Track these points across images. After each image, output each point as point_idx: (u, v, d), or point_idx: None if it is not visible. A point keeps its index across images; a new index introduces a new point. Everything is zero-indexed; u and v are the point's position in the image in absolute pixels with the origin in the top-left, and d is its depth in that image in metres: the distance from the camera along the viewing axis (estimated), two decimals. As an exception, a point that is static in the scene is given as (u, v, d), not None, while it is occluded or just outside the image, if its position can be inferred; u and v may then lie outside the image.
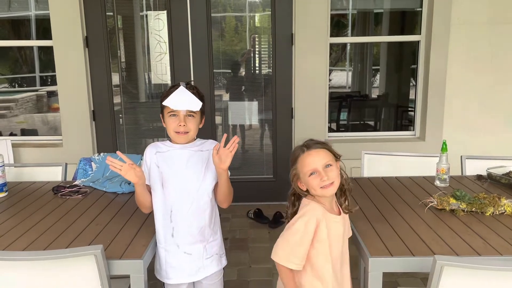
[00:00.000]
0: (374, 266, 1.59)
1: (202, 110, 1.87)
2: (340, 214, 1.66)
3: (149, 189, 1.86)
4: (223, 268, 1.98)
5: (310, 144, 1.61)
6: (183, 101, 1.79)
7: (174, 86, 1.84)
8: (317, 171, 1.56)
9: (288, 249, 1.56)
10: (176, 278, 1.85)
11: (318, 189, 1.57)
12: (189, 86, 1.84)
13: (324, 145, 1.62)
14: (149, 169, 1.85)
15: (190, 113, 1.81)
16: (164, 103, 1.80)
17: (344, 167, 1.67)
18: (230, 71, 4.29)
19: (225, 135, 1.74)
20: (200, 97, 1.84)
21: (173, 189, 1.81)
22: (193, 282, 1.91)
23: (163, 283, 1.90)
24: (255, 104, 4.30)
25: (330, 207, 1.63)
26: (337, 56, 4.99)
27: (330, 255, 1.60)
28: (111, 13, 4.02)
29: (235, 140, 1.71)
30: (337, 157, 1.63)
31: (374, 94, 5.23)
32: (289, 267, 1.56)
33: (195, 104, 1.80)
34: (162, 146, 1.87)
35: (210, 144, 1.90)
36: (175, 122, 1.81)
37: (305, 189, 1.63)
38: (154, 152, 1.86)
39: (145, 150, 1.89)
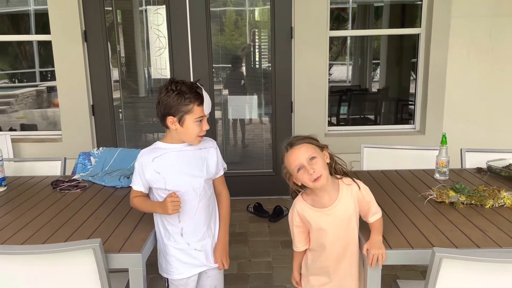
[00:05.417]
0: (373, 258, 1.59)
1: None
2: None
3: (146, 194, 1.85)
4: None
5: (292, 141, 1.65)
6: (208, 104, 1.76)
7: (191, 87, 1.71)
8: (303, 166, 1.61)
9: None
10: (188, 272, 1.86)
11: (310, 183, 1.62)
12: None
13: (305, 139, 1.65)
14: (148, 178, 1.77)
15: None
16: (198, 112, 1.72)
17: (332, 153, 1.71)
18: (229, 65, 4.28)
19: None
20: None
21: (179, 190, 1.75)
22: (199, 273, 1.91)
23: (166, 279, 1.89)
24: (254, 99, 4.29)
25: (326, 198, 1.67)
26: (337, 50, 4.97)
27: (323, 242, 1.70)
28: (110, 8, 4.01)
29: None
30: (321, 148, 1.66)
31: (374, 88, 5.22)
32: (294, 249, 1.81)
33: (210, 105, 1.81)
34: (157, 150, 1.79)
35: (208, 142, 1.87)
36: (200, 126, 1.75)
37: (300, 184, 1.68)
38: (151, 159, 1.76)
39: (139, 160, 1.78)
